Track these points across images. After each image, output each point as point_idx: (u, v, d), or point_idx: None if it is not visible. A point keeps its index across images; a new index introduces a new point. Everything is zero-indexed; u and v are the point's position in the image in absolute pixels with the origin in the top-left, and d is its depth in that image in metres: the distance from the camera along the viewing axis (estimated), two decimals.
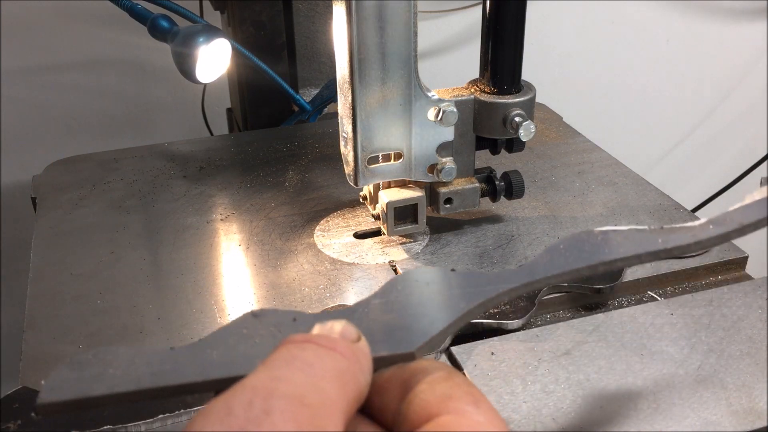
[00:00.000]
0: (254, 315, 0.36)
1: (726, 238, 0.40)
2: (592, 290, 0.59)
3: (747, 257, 0.65)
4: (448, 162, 0.63)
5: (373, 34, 0.55)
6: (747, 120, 1.50)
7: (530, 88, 0.63)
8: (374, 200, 0.66)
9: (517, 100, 0.61)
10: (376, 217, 0.67)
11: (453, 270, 0.39)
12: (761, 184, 0.44)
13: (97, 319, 0.58)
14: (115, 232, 0.69)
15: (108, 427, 0.47)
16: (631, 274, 0.62)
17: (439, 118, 0.60)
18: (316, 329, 0.33)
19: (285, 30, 0.90)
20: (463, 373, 0.52)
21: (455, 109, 0.60)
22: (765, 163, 1.21)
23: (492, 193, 0.67)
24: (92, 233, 0.69)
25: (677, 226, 0.41)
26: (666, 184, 0.82)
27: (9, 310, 1.17)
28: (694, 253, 0.56)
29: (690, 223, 0.41)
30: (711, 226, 0.40)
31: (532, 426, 0.47)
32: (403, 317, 0.36)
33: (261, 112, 0.93)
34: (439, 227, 0.69)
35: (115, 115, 1.13)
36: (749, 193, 0.43)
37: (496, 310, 0.57)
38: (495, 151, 0.65)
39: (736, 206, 0.41)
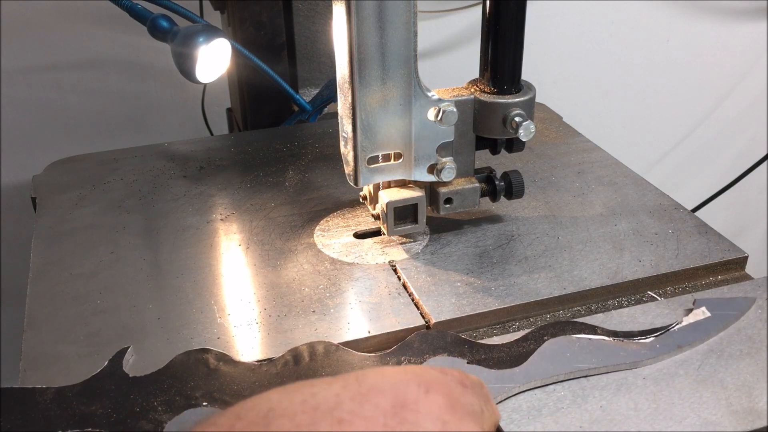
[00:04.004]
0: None
1: (665, 356, 0.52)
2: None
3: (747, 257, 0.65)
4: (448, 162, 0.63)
5: (373, 34, 0.55)
6: (747, 120, 1.50)
7: (530, 88, 0.63)
8: (374, 200, 0.66)
9: (517, 100, 0.61)
10: (376, 217, 0.67)
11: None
12: (694, 306, 0.56)
13: (97, 319, 0.58)
14: (115, 232, 0.69)
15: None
16: (632, 274, 0.62)
17: (439, 118, 0.60)
18: None
19: (285, 30, 0.90)
20: None
21: (455, 109, 0.60)
22: (765, 163, 1.21)
23: (492, 193, 0.67)
24: (92, 233, 0.69)
25: (632, 341, 0.53)
26: (666, 184, 0.82)
27: (9, 310, 1.17)
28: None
29: (641, 339, 0.53)
30: (658, 345, 0.52)
31: (532, 426, 0.47)
32: None
33: (261, 112, 0.93)
34: (439, 227, 0.69)
35: (115, 115, 1.13)
36: (693, 311, 0.55)
37: None
38: (495, 151, 0.66)
39: (677, 327, 0.54)
